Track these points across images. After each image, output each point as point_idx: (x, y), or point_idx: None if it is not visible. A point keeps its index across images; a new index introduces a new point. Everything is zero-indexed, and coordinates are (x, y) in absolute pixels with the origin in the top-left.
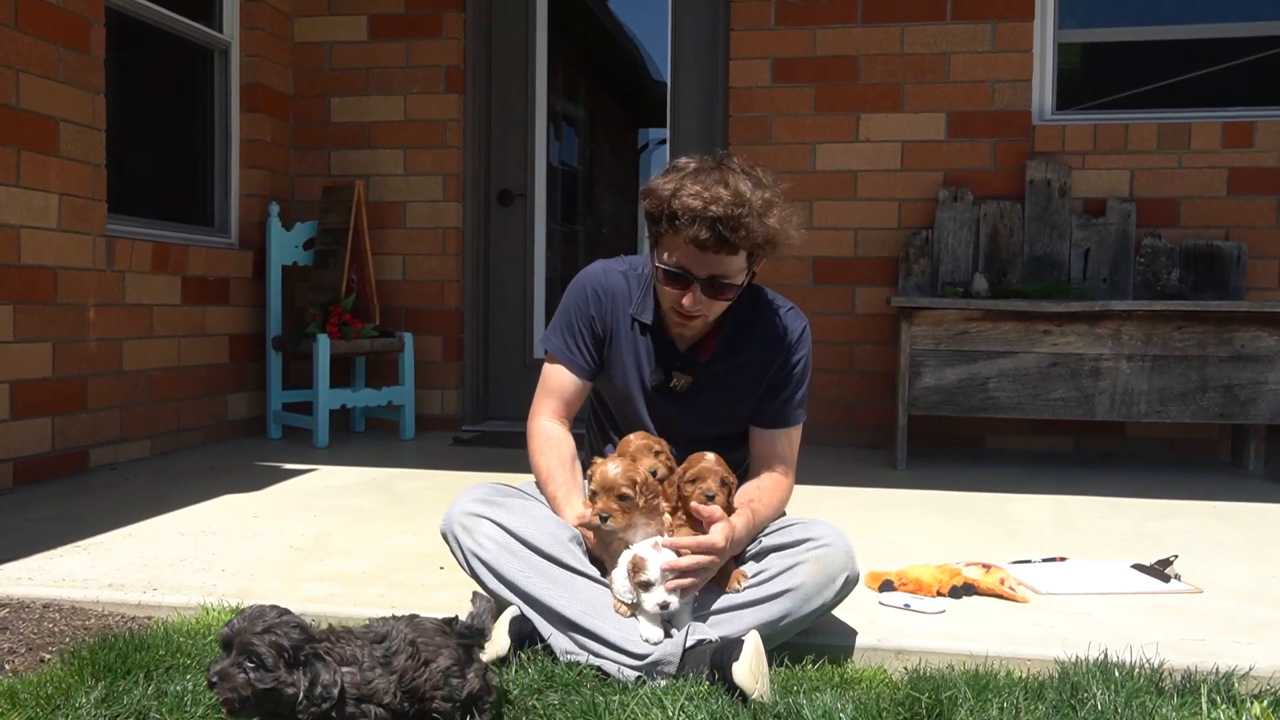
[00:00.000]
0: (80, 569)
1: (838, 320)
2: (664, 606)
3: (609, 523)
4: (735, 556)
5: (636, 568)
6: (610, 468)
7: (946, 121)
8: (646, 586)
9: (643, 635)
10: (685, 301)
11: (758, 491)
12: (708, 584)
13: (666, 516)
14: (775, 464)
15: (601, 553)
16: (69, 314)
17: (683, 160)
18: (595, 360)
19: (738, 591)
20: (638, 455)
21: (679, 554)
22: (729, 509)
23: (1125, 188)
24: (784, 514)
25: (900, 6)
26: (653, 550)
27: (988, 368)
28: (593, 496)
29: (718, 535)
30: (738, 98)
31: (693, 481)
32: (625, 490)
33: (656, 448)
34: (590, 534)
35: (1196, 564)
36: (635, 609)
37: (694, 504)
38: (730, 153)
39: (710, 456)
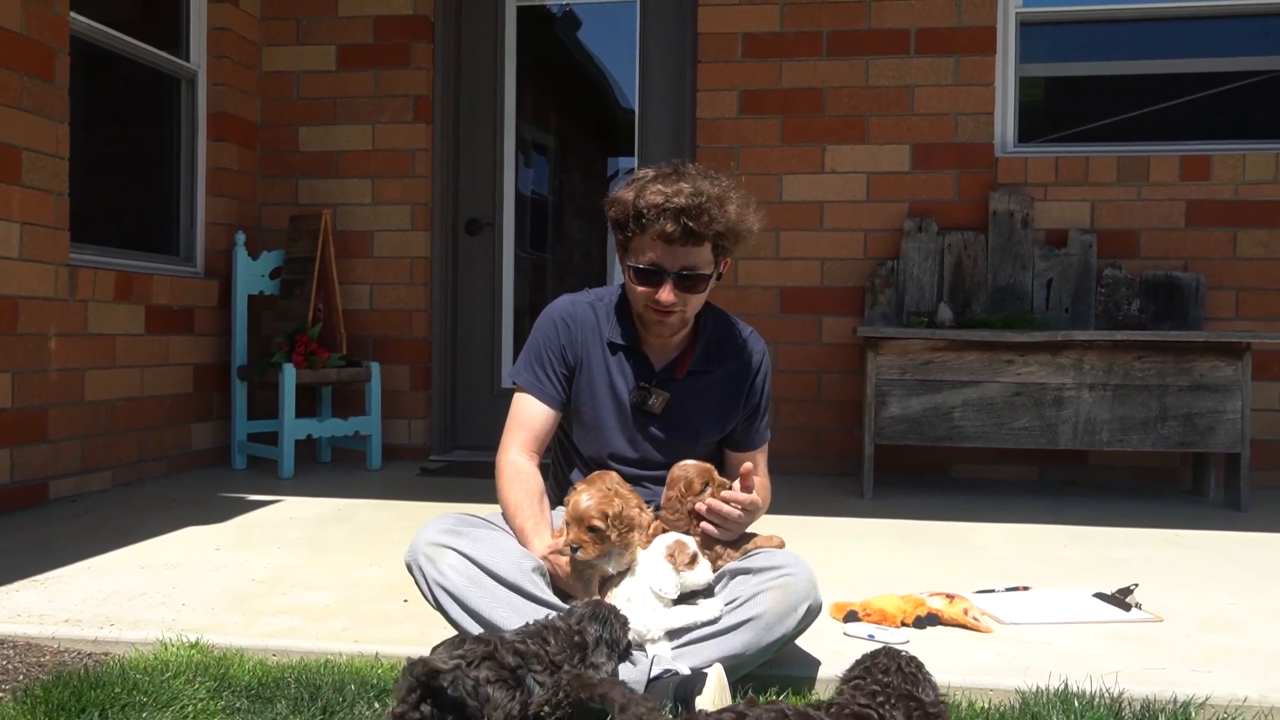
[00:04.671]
0: (36, 604)
1: (805, 349)
2: (715, 573)
3: (578, 554)
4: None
5: (680, 549)
6: (584, 498)
7: (911, 153)
8: (694, 562)
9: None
10: (661, 296)
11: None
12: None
13: (638, 550)
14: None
15: (574, 582)
16: (29, 344)
17: (641, 170)
18: (565, 391)
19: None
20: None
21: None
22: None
23: (1086, 219)
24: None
25: (865, 40)
26: (670, 536)
27: (952, 397)
28: (566, 525)
29: (756, 495)
30: (705, 129)
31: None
32: (596, 523)
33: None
34: (562, 560)
35: (1158, 592)
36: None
37: (744, 468)
38: (685, 159)
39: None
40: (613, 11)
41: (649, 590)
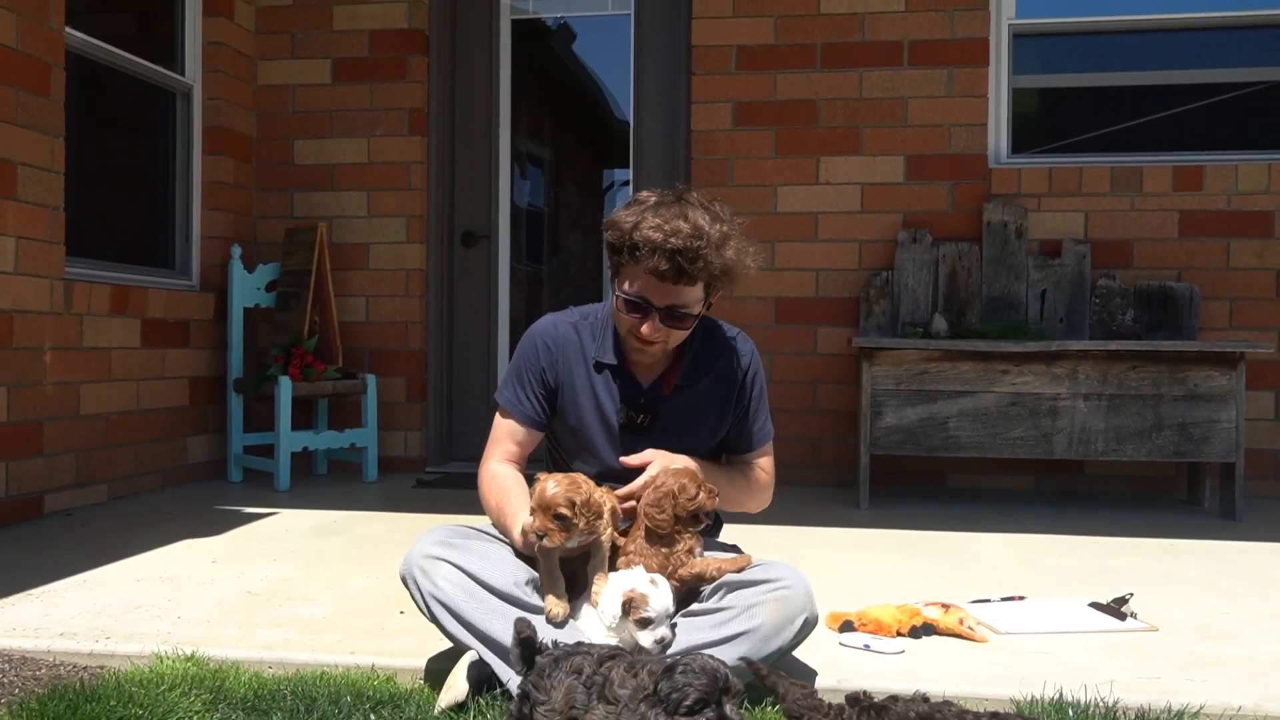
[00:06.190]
0: (32, 617)
1: (800, 360)
2: (660, 642)
3: (544, 541)
4: (695, 593)
5: (640, 604)
6: (550, 485)
7: (905, 164)
8: (645, 624)
9: None
10: (644, 330)
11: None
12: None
13: (606, 538)
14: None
15: (540, 566)
16: (25, 358)
17: (644, 194)
18: (545, 411)
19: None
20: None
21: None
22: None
23: (1080, 229)
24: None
25: (858, 52)
26: (651, 586)
27: (948, 407)
28: (532, 512)
29: (654, 468)
30: (700, 140)
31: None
32: (563, 510)
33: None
34: (532, 540)
35: (1153, 601)
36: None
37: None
38: (689, 187)
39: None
40: (607, 24)
41: (596, 616)
